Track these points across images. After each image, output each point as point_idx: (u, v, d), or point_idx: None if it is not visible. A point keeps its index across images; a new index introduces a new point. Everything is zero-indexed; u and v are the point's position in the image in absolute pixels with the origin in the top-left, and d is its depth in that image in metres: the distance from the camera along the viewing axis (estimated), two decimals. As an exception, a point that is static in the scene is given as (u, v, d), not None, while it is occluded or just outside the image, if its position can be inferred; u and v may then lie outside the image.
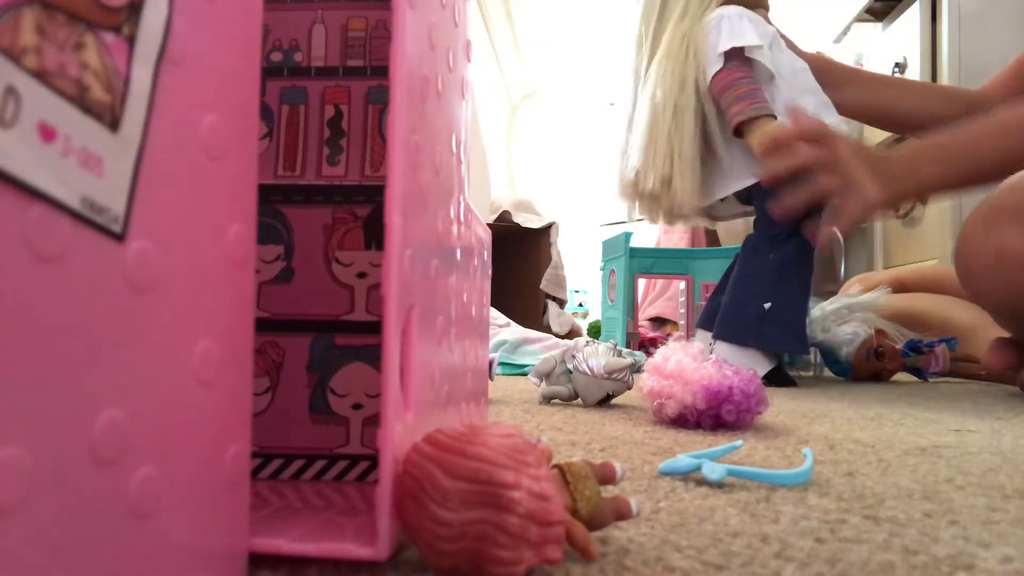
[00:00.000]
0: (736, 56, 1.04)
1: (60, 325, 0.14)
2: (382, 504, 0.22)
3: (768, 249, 1.04)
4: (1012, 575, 0.24)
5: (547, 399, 0.78)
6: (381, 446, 0.22)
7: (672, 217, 1.19)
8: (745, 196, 1.11)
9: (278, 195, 0.37)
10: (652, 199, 1.14)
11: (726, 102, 1.03)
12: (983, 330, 1.13)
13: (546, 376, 0.79)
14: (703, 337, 1.15)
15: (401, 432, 0.23)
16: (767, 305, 1.01)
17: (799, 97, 1.05)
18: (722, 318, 1.06)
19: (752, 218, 1.14)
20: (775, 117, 1.01)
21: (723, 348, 1.03)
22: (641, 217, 1.23)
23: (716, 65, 1.05)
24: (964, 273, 0.89)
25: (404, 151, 0.23)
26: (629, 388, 0.74)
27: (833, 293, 1.50)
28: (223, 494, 0.20)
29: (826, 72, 1.15)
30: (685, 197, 1.08)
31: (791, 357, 1.22)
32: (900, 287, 1.41)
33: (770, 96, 1.03)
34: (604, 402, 0.75)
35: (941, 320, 1.32)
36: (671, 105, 1.08)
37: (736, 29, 1.05)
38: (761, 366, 1.01)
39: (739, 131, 1.03)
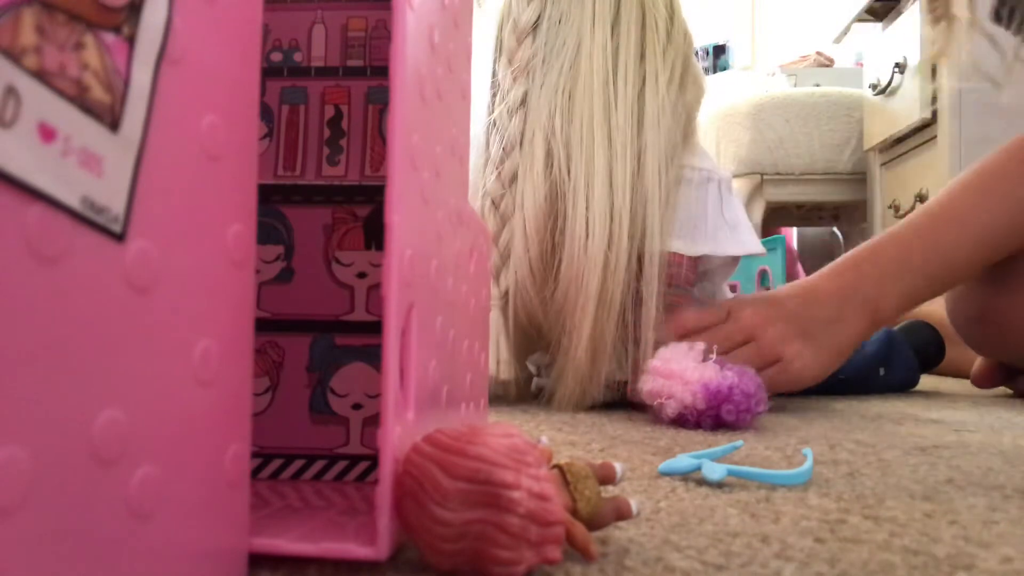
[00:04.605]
0: None
1: (60, 325, 0.14)
2: (382, 504, 0.22)
3: None
4: (1012, 575, 0.24)
5: (547, 399, 0.78)
6: (381, 446, 0.22)
7: None
8: None
9: (278, 195, 0.37)
10: None
11: None
12: None
13: (546, 376, 0.78)
14: None
15: (401, 432, 0.23)
16: None
17: None
18: None
19: None
20: None
21: None
22: None
23: None
24: (954, 327, 0.91)
25: (404, 151, 0.23)
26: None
27: None
28: (223, 494, 0.20)
29: None
30: None
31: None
32: None
33: None
34: (604, 402, 0.75)
35: (940, 321, 1.32)
36: None
37: None
38: None
39: None
